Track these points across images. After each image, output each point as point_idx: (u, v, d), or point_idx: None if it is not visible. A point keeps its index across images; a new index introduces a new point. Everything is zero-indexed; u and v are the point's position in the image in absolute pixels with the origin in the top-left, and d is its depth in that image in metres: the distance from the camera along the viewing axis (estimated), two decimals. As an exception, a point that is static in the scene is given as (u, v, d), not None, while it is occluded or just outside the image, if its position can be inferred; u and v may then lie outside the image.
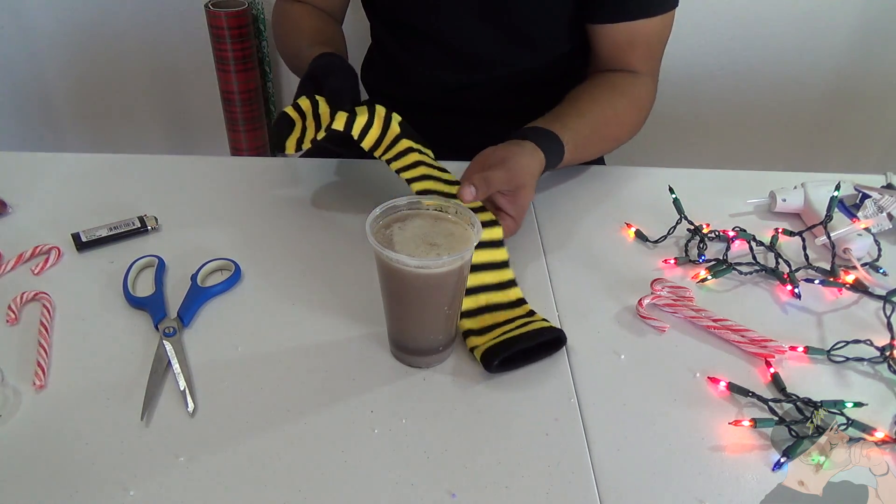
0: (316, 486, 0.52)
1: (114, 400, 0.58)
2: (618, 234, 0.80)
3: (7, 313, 0.64)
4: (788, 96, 1.68)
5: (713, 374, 0.63)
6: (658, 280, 0.71)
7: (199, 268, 0.70)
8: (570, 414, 0.59)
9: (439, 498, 0.52)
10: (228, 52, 1.62)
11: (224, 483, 0.52)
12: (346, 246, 0.75)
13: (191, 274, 0.69)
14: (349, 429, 0.56)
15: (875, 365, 0.65)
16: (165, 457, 0.53)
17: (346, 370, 0.61)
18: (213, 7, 1.57)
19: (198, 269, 0.69)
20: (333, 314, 0.66)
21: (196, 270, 0.69)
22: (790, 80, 1.66)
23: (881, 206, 0.81)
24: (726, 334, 0.66)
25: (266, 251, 0.74)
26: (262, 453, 0.54)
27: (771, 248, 0.77)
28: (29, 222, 0.76)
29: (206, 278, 0.70)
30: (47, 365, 0.60)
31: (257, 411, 0.57)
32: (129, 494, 0.51)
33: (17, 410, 0.56)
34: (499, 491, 0.52)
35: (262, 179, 0.86)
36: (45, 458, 0.53)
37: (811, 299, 0.72)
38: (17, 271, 0.70)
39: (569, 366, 0.63)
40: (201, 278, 0.69)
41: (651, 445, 0.57)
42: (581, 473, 0.54)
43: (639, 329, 0.68)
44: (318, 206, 0.82)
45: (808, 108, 1.71)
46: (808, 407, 0.59)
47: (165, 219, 0.77)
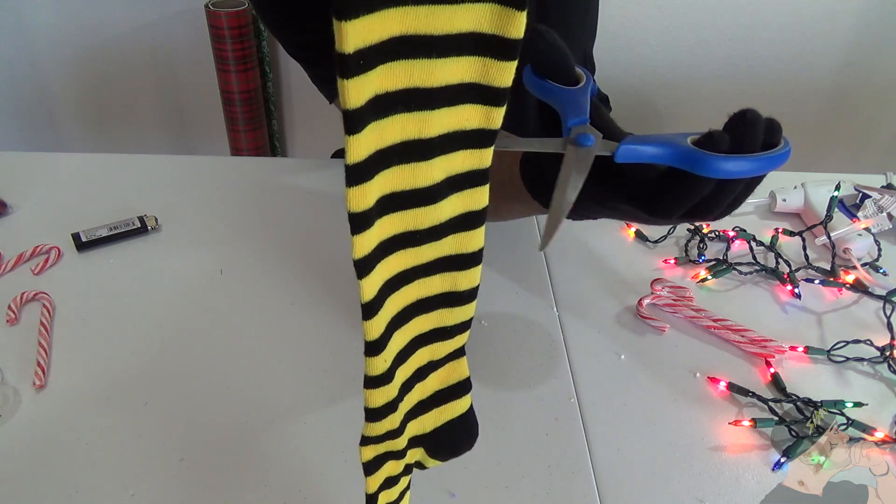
0: (316, 486, 0.52)
1: (114, 400, 0.58)
2: (618, 234, 0.80)
3: (7, 313, 0.64)
4: (788, 96, 1.68)
5: (713, 374, 0.63)
6: (658, 280, 0.71)
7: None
8: (570, 414, 0.59)
9: (439, 498, 0.52)
10: (228, 52, 1.62)
11: (224, 483, 0.52)
12: (346, 245, 0.75)
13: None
14: (349, 429, 0.56)
15: (875, 365, 0.65)
16: (165, 457, 0.53)
17: (347, 370, 0.61)
18: (213, 7, 1.57)
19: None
20: (333, 313, 0.66)
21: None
22: (790, 80, 1.66)
23: (881, 206, 0.81)
24: (726, 334, 0.66)
25: (266, 251, 0.74)
26: (261, 453, 0.54)
27: (771, 248, 0.77)
28: (29, 222, 0.76)
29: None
30: (47, 365, 0.60)
31: (257, 411, 0.57)
32: (129, 494, 0.51)
33: (17, 410, 0.56)
34: (499, 491, 0.52)
35: (262, 179, 0.86)
36: (45, 458, 0.53)
37: (811, 299, 0.72)
38: (17, 271, 0.70)
39: (569, 366, 0.63)
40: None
41: (651, 445, 0.57)
42: (581, 473, 0.54)
43: (639, 329, 0.68)
44: (319, 206, 0.82)
45: (808, 108, 1.71)
46: (808, 407, 0.59)
47: (165, 219, 0.77)
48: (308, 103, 1.87)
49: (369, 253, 0.31)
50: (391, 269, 0.33)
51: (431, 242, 0.33)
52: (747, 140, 0.38)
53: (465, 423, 0.42)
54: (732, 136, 0.38)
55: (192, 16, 1.68)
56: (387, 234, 0.32)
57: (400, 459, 0.39)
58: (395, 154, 0.29)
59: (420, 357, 0.37)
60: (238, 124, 1.76)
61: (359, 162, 0.27)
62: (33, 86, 1.82)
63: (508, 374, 0.61)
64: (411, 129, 0.29)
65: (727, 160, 0.37)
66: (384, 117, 0.27)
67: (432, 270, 0.34)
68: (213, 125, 1.85)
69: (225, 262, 0.72)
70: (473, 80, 0.29)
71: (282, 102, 1.87)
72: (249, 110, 1.74)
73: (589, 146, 0.39)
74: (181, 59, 1.78)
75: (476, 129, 0.30)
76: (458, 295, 0.36)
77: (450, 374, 0.39)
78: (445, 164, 0.31)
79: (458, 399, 0.40)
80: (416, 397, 0.39)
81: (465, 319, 0.37)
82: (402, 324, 0.35)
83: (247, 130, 1.78)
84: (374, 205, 0.29)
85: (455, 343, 0.38)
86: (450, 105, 0.29)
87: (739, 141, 0.38)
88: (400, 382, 0.36)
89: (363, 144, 0.27)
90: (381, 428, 0.36)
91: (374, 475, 0.38)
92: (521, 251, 0.76)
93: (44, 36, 1.73)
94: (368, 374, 0.34)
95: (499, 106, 0.30)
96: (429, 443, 0.41)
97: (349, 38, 0.24)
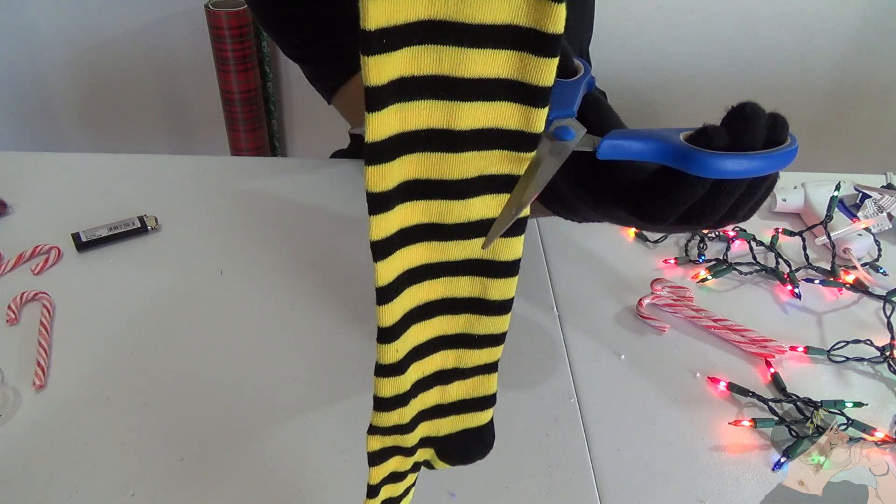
0: (316, 486, 0.52)
1: (114, 400, 0.58)
2: (618, 233, 0.80)
3: (7, 313, 0.64)
4: (788, 96, 1.68)
5: (713, 374, 0.63)
6: (658, 280, 0.71)
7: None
8: (570, 414, 0.59)
9: (439, 498, 0.52)
10: (228, 52, 1.62)
11: (224, 483, 0.52)
12: (346, 245, 0.75)
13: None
14: (349, 429, 0.56)
15: (875, 365, 0.65)
16: (165, 457, 0.53)
17: (347, 370, 0.61)
18: (213, 7, 1.57)
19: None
20: (334, 313, 0.66)
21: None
22: (790, 81, 1.66)
23: (881, 206, 0.81)
24: (726, 334, 0.66)
25: (266, 251, 0.74)
26: (262, 453, 0.54)
27: (771, 248, 0.77)
28: (29, 222, 0.76)
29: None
30: (47, 365, 0.60)
31: (257, 411, 0.57)
32: (129, 494, 0.51)
33: (17, 410, 0.56)
34: (499, 491, 0.52)
35: (262, 179, 0.86)
36: (45, 458, 0.53)
37: (811, 299, 0.72)
38: (17, 271, 0.70)
39: (569, 366, 0.63)
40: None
41: (651, 445, 0.57)
42: (581, 473, 0.54)
43: (639, 329, 0.68)
44: (319, 206, 0.82)
45: (808, 108, 1.71)
46: (808, 407, 0.59)
47: (165, 219, 0.77)
48: (308, 103, 1.87)
49: (388, 237, 0.30)
50: (412, 259, 0.32)
51: (459, 240, 0.32)
52: (747, 136, 0.34)
53: (481, 434, 0.40)
54: (730, 132, 0.34)
55: (192, 16, 1.68)
56: (409, 221, 0.31)
57: (408, 457, 0.38)
58: (420, 140, 0.28)
59: (444, 360, 0.36)
60: (238, 124, 1.76)
61: (379, 141, 0.27)
62: (34, 86, 1.82)
63: (508, 374, 0.61)
64: (439, 117, 0.28)
65: (724, 158, 0.33)
66: (409, 101, 0.27)
67: (460, 271, 0.33)
68: (213, 125, 1.85)
69: (225, 262, 0.72)
70: (511, 76, 0.28)
71: (282, 102, 1.87)
72: (249, 110, 1.74)
73: (567, 140, 0.34)
74: (181, 59, 1.78)
75: (514, 129, 0.29)
76: (489, 304, 0.34)
77: (476, 386, 0.38)
78: (479, 162, 0.30)
79: (479, 411, 0.39)
80: (435, 399, 0.38)
81: (495, 332, 0.35)
82: (423, 319, 0.34)
83: (247, 130, 1.78)
84: (395, 188, 0.29)
85: (485, 356, 0.36)
86: (484, 100, 0.28)
87: (738, 137, 0.34)
88: (415, 378, 0.35)
89: (384, 124, 0.27)
90: (388, 420, 0.35)
91: (378, 467, 0.37)
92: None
93: (44, 36, 1.73)
94: (379, 362, 0.33)
95: (539, 107, 0.28)
96: (440, 446, 0.40)
97: (372, 15, 0.24)
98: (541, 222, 0.81)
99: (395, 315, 0.32)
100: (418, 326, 0.34)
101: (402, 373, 0.33)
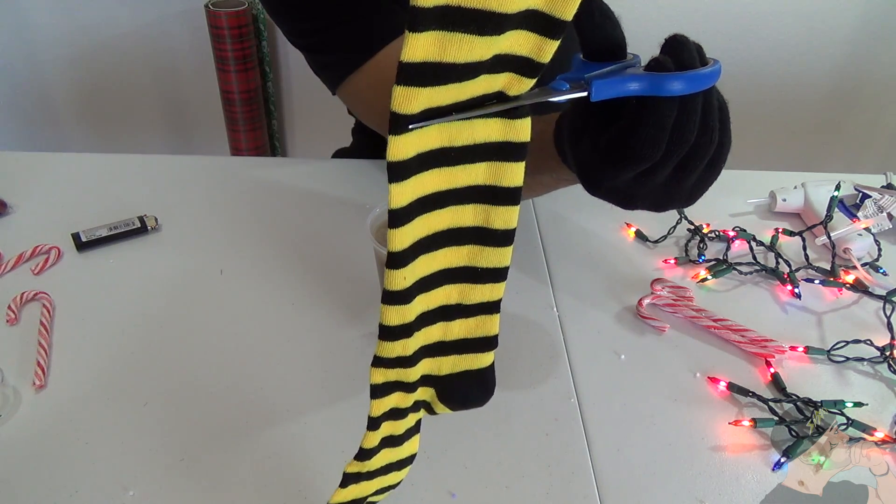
0: (316, 486, 0.52)
1: (114, 400, 0.58)
2: (618, 234, 0.80)
3: (7, 313, 0.64)
4: (789, 96, 1.68)
5: (713, 374, 0.63)
6: (658, 280, 0.71)
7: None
8: (570, 414, 0.59)
9: (439, 498, 0.52)
10: (228, 52, 1.62)
11: (224, 483, 0.52)
12: (346, 245, 0.75)
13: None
14: (349, 429, 0.56)
15: (875, 365, 0.65)
16: (165, 457, 0.53)
17: (346, 370, 0.61)
18: (213, 7, 1.57)
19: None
20: (333, 313, 0.66)
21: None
22: (790, 81, 1.66)
23: (881, 206, 0.81)
24: (726, 334, 0.66)
25: (265, 251, 0.74)
26: (261, 453, 0.54)
27: (771, 248, 0.77)
28: (29, 222, 0.76)
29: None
30: (47, 365, 0.60)
31: (257, 411, 0.57)
32: (129, 494, 0.51)
33: (17, 410, 0.56)
34: (499, 491, 0.52)
35: (262, 179, 0.86)
36: (45, 458, 0.53)
37: (811, 299, 0.72)
38: (17, 271, 0.70)
39: (569, 366, 0.63)
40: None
41: (651, 445, 0.57)
42: (581, 473, 0.54)
43: (639, 329, 0.68)
44: (319, 206, 0.82)
45: (809, 108, 1.71)
46: (808, 407, 0.59)
47: (165, 219, 0.77)
48: (308, 103, 1.87)
49: (406, 160, 0.31)
50: (425, 186, 0.33)
51: (466, 164, 0.34)
52: (686, 57, 0.41)
53: (482, 378, 0.42)
54: (673, 58, 0.41)
55: (192, 16, 1.68)
56: (425, 146, 0.32)
57: (409, 393, 0.39)
58: (443, 72, 0.30)
59: (447, 294, 0.38)
60: (238, 124, 1.76)
61: (413, 62, 0.28)
62: (33, 86, 1.82)
63: (508, 374, 0.61)
64: (472, 47, 0.30)
65: (685, 75, 0.40)
66: (451, 31, 0.29)
67: (465, 198, 0.35)
68: (213, 125, 1.85)
69: (225, 262, 0.72)
70: (538, 6, 0.31)
71: (282, 102, 1.87)
72: (249, 110, 1.74)
73: (562, 89, 0.40)
74: (181, 59, 1.78)
75: (525, 56, 0.32)
76: (491, 233, 0.36)
77: (478, 326, 0.39)
78: (486, 83, 0.32)
79: (480, 353, 0.40)
80: (437, 336, 0.39)
81: (497, 265, 0.37)
82: (431, 249, 0.36)
83: (247, 130, 1.78)
84: (419, 114, 0.30)
85: (487, 292, 0.38)
86: (511, 29, 0.30)
87: (681, 60, 0.41)
88: (420, 310, 0.36)
89: (421, 47, 0.28)
90: (392, 350, 0.36)
91: (379, 400, 0.38)
92: (521, 251, 0.76)
93: (44, 36, 1.73)
94: (386, 288, 0.34)
95: (552, 38, 0.31)
96: (441, 386, 0.41)
97: None
98: (541, 222, 0.81)
99: (404, 241, 0.33)
100: (426, 257, 0.35)
101: (408, 302, 0.35)
